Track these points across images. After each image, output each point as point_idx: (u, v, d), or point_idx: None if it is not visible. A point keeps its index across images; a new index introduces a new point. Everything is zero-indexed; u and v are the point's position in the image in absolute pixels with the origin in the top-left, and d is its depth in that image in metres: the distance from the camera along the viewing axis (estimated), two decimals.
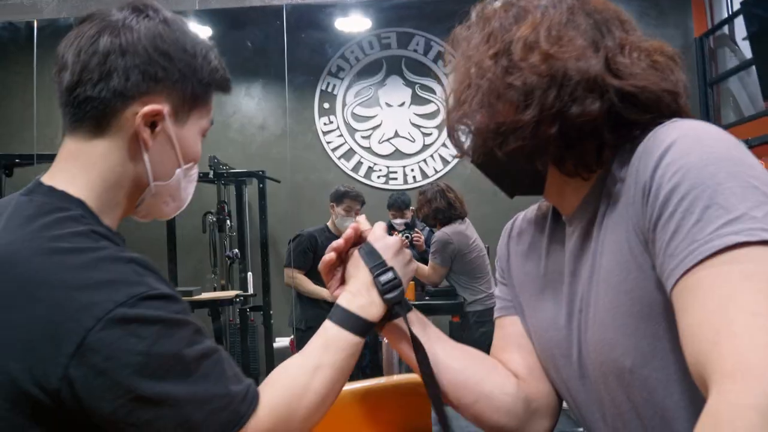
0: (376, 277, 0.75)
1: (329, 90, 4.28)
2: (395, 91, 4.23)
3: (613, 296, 0.65)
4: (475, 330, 2.83)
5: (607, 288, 0.66)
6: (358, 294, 0.74)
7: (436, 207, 2.87)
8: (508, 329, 0.85)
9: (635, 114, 0.65)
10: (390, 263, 0.77)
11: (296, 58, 3.94)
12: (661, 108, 0.67)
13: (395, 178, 4.22)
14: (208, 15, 3.66)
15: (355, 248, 0.79)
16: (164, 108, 0.67)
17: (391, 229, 3.17)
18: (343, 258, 0.81)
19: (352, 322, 0.73)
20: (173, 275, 3.16)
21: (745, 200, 0.54)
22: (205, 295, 2.83)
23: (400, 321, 0.77)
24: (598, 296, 0.67)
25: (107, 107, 0.65)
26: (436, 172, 4.18)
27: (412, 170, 4.23)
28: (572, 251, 0.73)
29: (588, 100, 0.64)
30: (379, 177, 4.22)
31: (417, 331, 0.77)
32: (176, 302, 0.60)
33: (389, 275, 0.76)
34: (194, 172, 0.76)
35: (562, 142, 0.66)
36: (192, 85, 0.69)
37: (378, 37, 4.24)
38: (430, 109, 4.16)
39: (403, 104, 4.23)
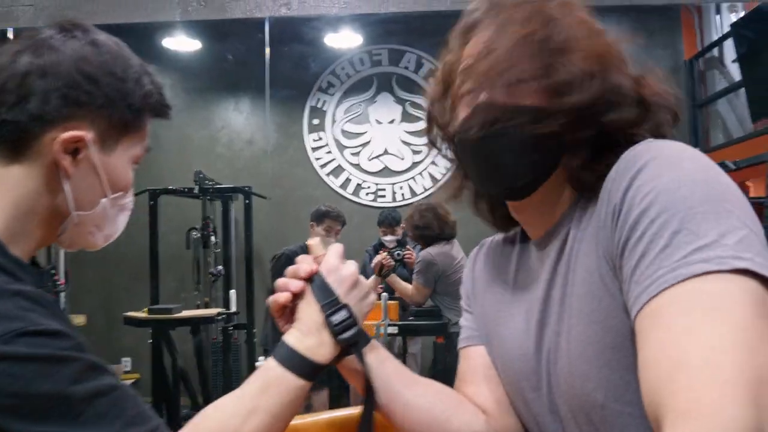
0: (328, 316, 0.68)
1: (319, 106, 4.25)
2: (385, 108, 4.21)
3: (585, 326, 0.62)
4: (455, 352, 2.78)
5: (579, 318, 0.63)
6: (308, 333, 0.67)
7: (421, 225, 2.83)
8: (475, 360, 0.81)
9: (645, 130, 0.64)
10: (344, 299, 0.69)
11: (285, 72, 3.91)
12: (664, 128, 0.66)
13: (384, 196, 4.19)
14: (195, 29, 3.63)
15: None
16: (87, 134, 0.62)
17: (381, 247, 3.12)
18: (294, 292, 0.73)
19: (297, 363, 0.66)
20: (155, 293, 3.10)
21: (717, 225, 0.51)
22: (187, 313, 2.77)
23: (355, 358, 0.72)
24: (570, 326, 0.64)
25: (24, 132, 0.60)
26: (425, 189, 4.15)
27: (401, 188, 4.19)
28: (545, 277, 0.69)
29: (625, 107, 0.64)
30: (367, 194, 4.18)
31: (375, 368, 0.73)
32: (63, 338, 0.54)
33: (343, 314, 0.68)
34: (126, 201, 0.70)
35: (588, 140, 0.65)
36: (121, 110, 0.64)
37: (369, 53, 4.22)
38: (420, 127, 4.11)
39: (393, 121, 4.20)
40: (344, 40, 4.09)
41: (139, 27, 2.81)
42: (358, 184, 4.21)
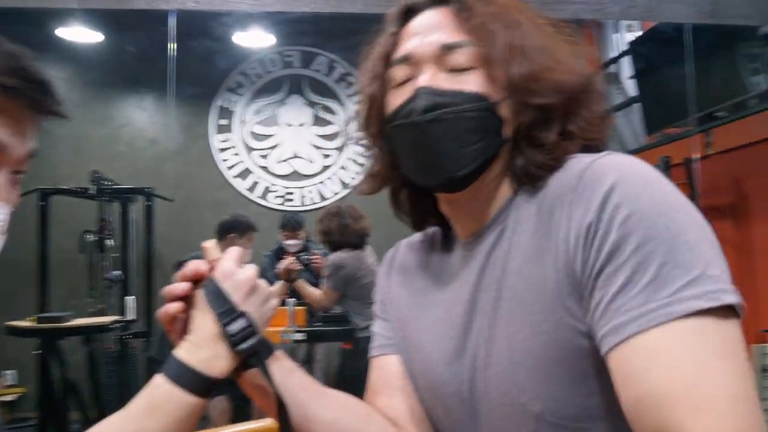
0: (224, 326, 0.61)
1: (227, 106, 4.13)
2: (296, 111, 4.14)
3: (530, 335, 0.59)
4: (367, 357, 2.76)
5: (521, 325, 0.60)
6: (201, 345, 0.61)
7: (327, 230, 2.79)
8: (387, 370, 0.77)
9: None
10: (242, 307, 0.63)
11: (192, 70, 3.76)
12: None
13: (292, 200, 4.12)
14: (95, 19, 3.43)
15: (201, 284, 0.64)
16: None
17: (281, 251, 3.04)
18: (186, 301, 0.65)
19: (189, 378, 0.59)
20: (43, 300, 2.88)
21: (700, 256, 0.51)
22: (79, 322, 2.59)
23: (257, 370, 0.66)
24: (511, 333, 0.61)
25: None
26: (335, 194, 4.11)
27: (311, 192, 4.13)
28: (471, 280, 0.66)
29: (573, 110, 0.65)
30: (276, 198, 4.09)
31: (280, 380, 0.67)
32: None
33: (241, 323, 0.62)
34: None
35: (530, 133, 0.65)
36: None
37: (280, 54, 4.14)
38: (331, 131, 4.10)
39: (303, 124, 4.14)
40: (255, 39, 3.99)
41: (30, 13, 2.62)
42: (267, 188, 4.12)
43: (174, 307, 0.64)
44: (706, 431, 0.46)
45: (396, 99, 0.67)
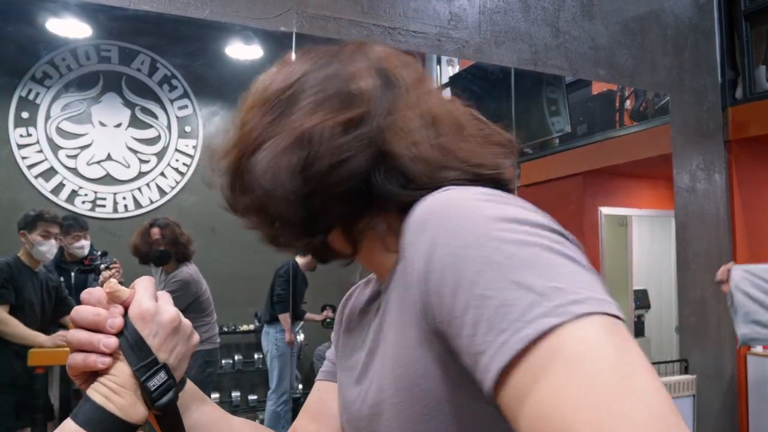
0: (143, 382, 0.55)
1: (31, 98, 3.74)
2: (112, 110, 3.86)
3: (394, 392, 0.57)
4: (201, 371, 2.66)
5: (390, 380, 0.58)
6: (120, 392, 0.55)
7: (183, 241, 2.65)
8: (326, 396, 0.78)
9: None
10: (163, 356, 0.56)
11: None
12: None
13: (104, 206, 3.81)
14: None
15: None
16: None
17: (63, 257, 2.77)
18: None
19: (108, 424, 0.53)
20: None
21: (541, 271, 0.45)
22: None
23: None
24: (373, 388, 0.61)
25: None
26: (152, 202, 3.88)
27: (125, 198, 3.86)
28: (374, 328, 0.65)
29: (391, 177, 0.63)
30: (84, 202, 3.76)
31: (193, 416, 0.61)
32: None
33: (161, 377, 0.56)
34: None
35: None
36: None
37: (96, 48, 3.85)
38: (151, 135, 3.87)
39: (119, 125, 3.87)
40: (69, 28, 3.66)
41: None
42: (74, 191, 3.78)
43: (101, 362, 0.55)
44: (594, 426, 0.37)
45: None
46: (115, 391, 0.55)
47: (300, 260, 2.90)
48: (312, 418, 0.78)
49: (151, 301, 0.59)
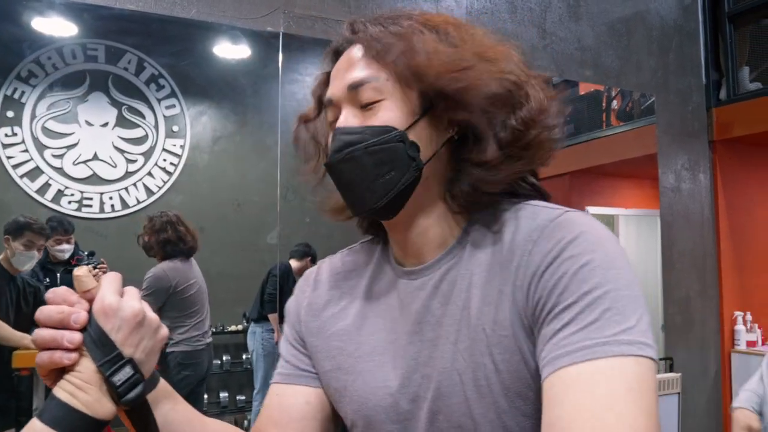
0: (108, 377, 0.55)
1: (16, 96, 3.71)
2: (98, 110, 3.84)
3: (489, 373, 0.62)
4: (176, 373, 2.64)
5: (479, 362, 0.63)
6: (84, 388, 0.55)
7: (167, 238, 2.63)
8: (287, 400, 0.75)
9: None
10: (128, 351, 0.57)
11: None
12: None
13: (90, 206, 3.79)
14: None
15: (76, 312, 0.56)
16: None
17: (48, 260, 2.74)
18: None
19: (74, 421, 0.53)
20: None
21: (636, 310, 0.57)
22: None
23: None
24: (455, 365, 0.64)
25: None
26: (139, 202, 3.86)
27: (111, 198, 3.84)
28: (415, 309, 0.66)
29: (500, 144, 0.69)
30: (70, 202, 3.74)
31: (163, 418, 0.61)
32: None
33: (126, 371, 0.56)
34: None
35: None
36: None
37: (83, 46, 3.83)
38: (138, 134, 3.86)
39: (106, 125, 3.85)
40: (55, 26, 3.64)
41: None
42: (60, 190, 3.76)
43: (67, 358, 0.55)
44: None
45: (329, 140, 0.69)
46: (80, 387, 0.55)
47: (294, 264, 2.90)
48: (275, 424, 0.76)
49: (114, 296, 0.59)
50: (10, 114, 3.65)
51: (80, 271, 0.59)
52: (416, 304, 0.69)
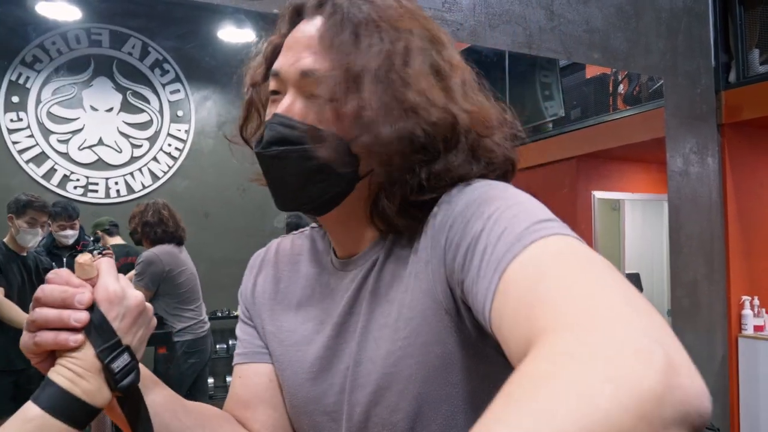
0: (108, 363, 0.54)
1: (21, 82, 3.70)
2: (103, 94, 3.83)
3: (400, 358, 0.60)
4: (183, 362, 2.66)
5: (392, 348, 0.61)
6: (84, 376, 0.54)
7: (147, 221, 2.63)
8: (252, 380, 0.74)
9: None
10: (126, 338, 0.56)
11: None
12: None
13: (96, 191, 3.80)
14: None
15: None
16: None
17: (54, 245, 2.74)
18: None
19: (74, 409, 0.52)
20: None
21: (547, 212, 0.53)
22: None
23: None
24: (378, 355, 0.62)
25: None
26: (144, 187, 3.86)
27: (116, 183, 3.84)
28: (344, 301, 0.65)
29: (452, 156, 0.63)
30: (76, 188, 3.75)
31: (150, 397, 0.61)
32: None
33: (124, 358, 0.55)
34: None
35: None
36: None
37: (87, 31, 3.81)
38: (143, 119, 3.85)
39: (111, 110, 3.84)
40: (59, 11, 3.63)
41: None
42: (65, 175, 3.76)
43: (71, 340, 0.53)
44: (536, 325, 0.40)
45: (269, 110, 0.64)
46: (81, 375, 0.54)
47: None
48: (244, 406, 0.74)
49: (117, 284, 0.58)
50: (15, 99, 3.65)
51: (83, 259, 0.58)
52: (346, 296, 0.67)
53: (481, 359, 0.59)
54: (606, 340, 0.34)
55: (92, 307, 0.56)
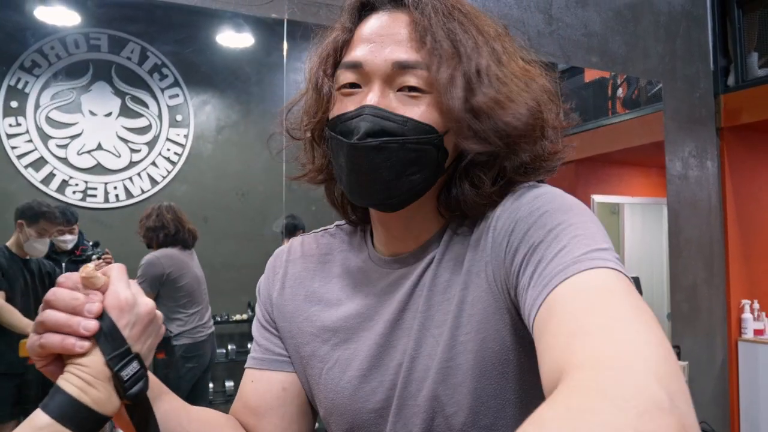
0: (117, 371, 0.54)
1: (20, 87, 3.70)
2: (102, 99, 3.83)
3: (458, 353, 0.61)
4: (181, 366, 2.65)
5: (464, 346, 0.62)
6: (94, 384, 0.53)
7: (150, 225, 2.63)
8: (263, 386, 0.74)
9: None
10: (136, 346, 0.56)
11: None
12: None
13: (94, 195, 3.79)
14: None
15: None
16: None
17: (53, 250, 2.74)
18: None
19: (83, 418, 0.52)
20: None
21: (606, 239, 0.55)
22: None
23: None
24: (434, 351, 0.63)
25: None
26: (144, 192, 3.85)
27: (115, 188, 3.84)
28: (398, 298, 0.65)
29: (526, 152, 0.67)
30: (75, 192, 3.74)
31: (158, 407, 0.61)
32: None
33: (134, 366, 0.55)
34: None
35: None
36: None
37: (86, 36, 3.81)
38: (141, 124, 3.85)
39: (110, 114, 3.84)
40: (58, 16, 3.63)
41: None
42: (64, 180, 3.76)
43: (78, 346, 0.53)
44: (573, 356, 0.42)
45: (341, 105, 0.64)
46: (91, 384, 0.54)
47: None
48: (252, 412, 0.74)
49: (128, 291, 0.58)
50: (14, 104, 3.65)
51: (85, 272, 0.57)
52: (398, 295, 0.67)
53: (533, 355, 0.59)
54: (637, 391, 0.37)
55: (102, 314, 0.55)
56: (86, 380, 0.54)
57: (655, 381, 0.38)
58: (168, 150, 3.76)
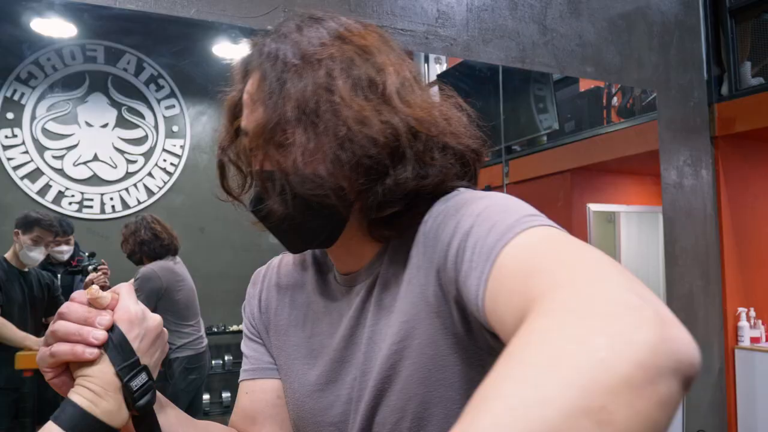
0: (126, 382, 0.56)
1: (16, 98, 3.70)
2: (98, 110, 3.83)
3: (417, 365, 0.62)
4: (182, 379, 2.64)
5: (399, 354, 0.63)
6: (104, 395, 0.55)
7: (142, 239, 2.62)
8: (259, 395, 0.76)
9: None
10: (145, 358, 0.58)
11: None
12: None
13: (91, 206, 3.79)
14: None
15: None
16: None
17: (47, 258, 2.73)
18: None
19: (93, 430, 0.53)
20: None
21: (533, 209, 0.55)
22: None
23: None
24: (385, 365, 0.64)
25: None
26: (140, 202, 3.85)
27: (112, 199, 3.84)
28: (349, 314, 0.67)
29: (416, 168, 0.64)
30: (71, 203, 3.74)
31: (163, 420, 0.61)
32: None
33: (142, 378, 0.57)
34: None
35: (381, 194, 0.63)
36: None
37: (82, 47, 3.82)
38: (138, 135, 3.85)
39: (106, 125, 3.84)
40: (54, 28, 3.64)
41: None
42: (60, 192, 3.76)
43: (88, 353, 0.54)
44: (534, 290, 0.42)
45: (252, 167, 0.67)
46: (101, 395, 0.55)
47: None
48: (251, 422, 0.76)
49: (138, 306, 0.60)
50: (10, 116, 3.65)
51: (91, 294, 0.59)
52: (352, 309, 0.69)
53: (474, 364, 0.60)
54: (600, 297, 0.37)
55: (113, 327, 0.57)
56: (96, 392, 0.55)
57: (621, 289, 0.38)
58: (164, 161, 3.76)
